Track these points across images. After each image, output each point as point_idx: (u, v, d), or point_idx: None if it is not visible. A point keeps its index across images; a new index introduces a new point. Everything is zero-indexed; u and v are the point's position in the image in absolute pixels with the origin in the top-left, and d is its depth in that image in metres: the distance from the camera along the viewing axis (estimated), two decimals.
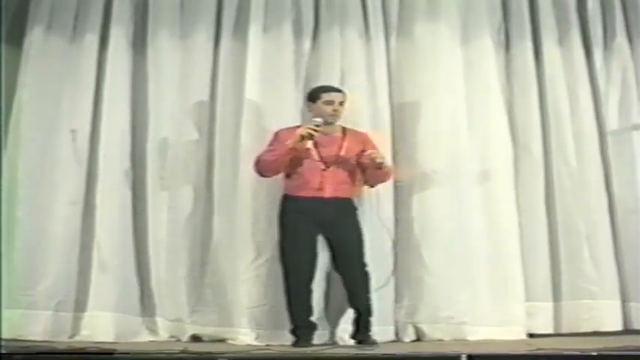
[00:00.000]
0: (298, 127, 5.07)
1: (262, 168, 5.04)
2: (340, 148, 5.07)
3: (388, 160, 5.17)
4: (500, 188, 5.52)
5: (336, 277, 5.18)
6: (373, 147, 5.10)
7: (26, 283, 5.27)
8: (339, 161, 5.03)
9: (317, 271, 5.08)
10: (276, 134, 5.11)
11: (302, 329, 4.99)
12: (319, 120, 4.98)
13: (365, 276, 5.04)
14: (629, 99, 5.74)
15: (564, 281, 5.55)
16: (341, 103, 5.09)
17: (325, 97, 5.09)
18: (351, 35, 5.58)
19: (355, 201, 5.16)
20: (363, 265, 5.04)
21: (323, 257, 5.15)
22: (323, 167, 5.01)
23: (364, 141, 5.15)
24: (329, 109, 5.05)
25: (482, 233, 5.47)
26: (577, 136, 5.66)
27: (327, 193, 4.99)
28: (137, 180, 5.52)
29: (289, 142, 4.93)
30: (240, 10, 5.62)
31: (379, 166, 4.97)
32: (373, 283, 5.12)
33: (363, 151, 5.05)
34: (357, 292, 5.04)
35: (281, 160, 4.97)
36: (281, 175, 5.13)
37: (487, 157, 5.56)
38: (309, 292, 5.01)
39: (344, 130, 5.16)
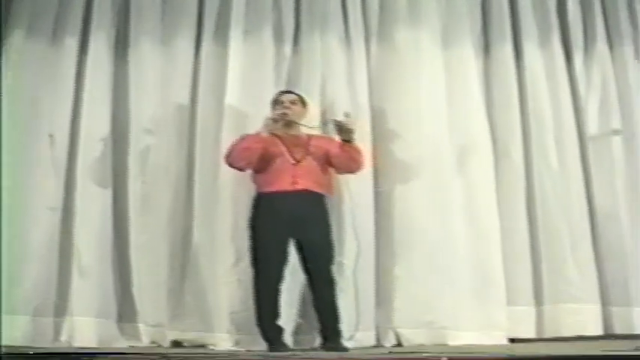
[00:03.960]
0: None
1: (234, 157, 5.02)
2: (308, 146, 5.11)
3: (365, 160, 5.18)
4: (481, 193, 5.53)
5: None
6: (340, 145, 5.09)
7: (3, 288, 5.20)
8: (308, 154, 5.07)
9: (287, 275, 5.05)
10: (242, 136, 5.13)
11: (269, 333, 4.97)
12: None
13: (333, 280, 5.03)
14: (609, 104, 5.77)
15: (546, 285, 5.55)
16: (292, 102, 5.15)
17: (275, 99, 5.20)
18: (331, 40, 5.60)
19: (327, 200, 5.15)
20: (331, 268, 5.04)
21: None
22: (293, 162, 5.04)
23: (330, 140, 5.16)
24: (278, 108, 5.13)
25: (464, 238, 5.47)
26: (558, 140, 5.68)
27: (300, 185, 5.01)
28: (117, 185, 5.50)
29: (262, 130, 4.99)
30: (221, 15, 5.63)
31: (348, 136, 4.98)
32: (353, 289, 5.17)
33: (328, 152, 5.09)
34: (325, 296, 5.01)
35: (254, 149, 4.97)
36: None
37: (468, 162, 5.56)
38: (277, 295, 4.98)
39: (309, 135, 5.19)
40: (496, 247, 5.47)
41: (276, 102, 5.19)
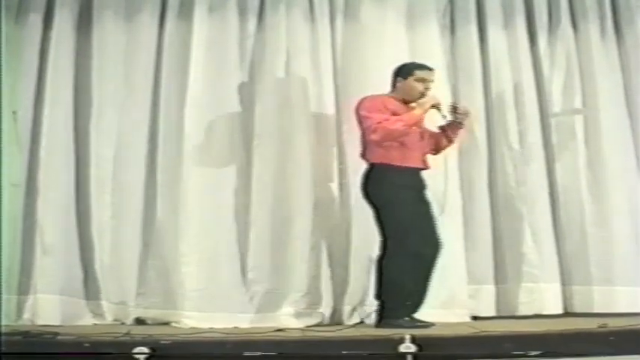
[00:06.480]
0: (380, 95, 5.05)
1: (393, 136, 4.87)
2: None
3: None
4: (443, 170, 5.51)
5: None
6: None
7: None
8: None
9: None
10: (374, 102, 4.97)
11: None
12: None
13: None
14: (572, 84, 5.83)
15: (507, 264, 5.63)
16: (432, 82, 5.03)
17: (419, 74, 5.02)
18: (296, 17, 5.58)
19: None
20: None
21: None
22: (420, 139, 5.03)
23: None
24: (421, 86, 4.99)
25: None
26: (521, 120, 5.73)
27: (426, 163, 5.07)
28: (80, 162, 5.48)
29: (418, 111, 4.94)
30: None
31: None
32: None
33: None
34: None
35: (409, 129, 4.92)
36: (224, 154, 5.30)
37: None
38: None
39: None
40: (457, 226, 5.49)
41: (416, 75, 5.01)
